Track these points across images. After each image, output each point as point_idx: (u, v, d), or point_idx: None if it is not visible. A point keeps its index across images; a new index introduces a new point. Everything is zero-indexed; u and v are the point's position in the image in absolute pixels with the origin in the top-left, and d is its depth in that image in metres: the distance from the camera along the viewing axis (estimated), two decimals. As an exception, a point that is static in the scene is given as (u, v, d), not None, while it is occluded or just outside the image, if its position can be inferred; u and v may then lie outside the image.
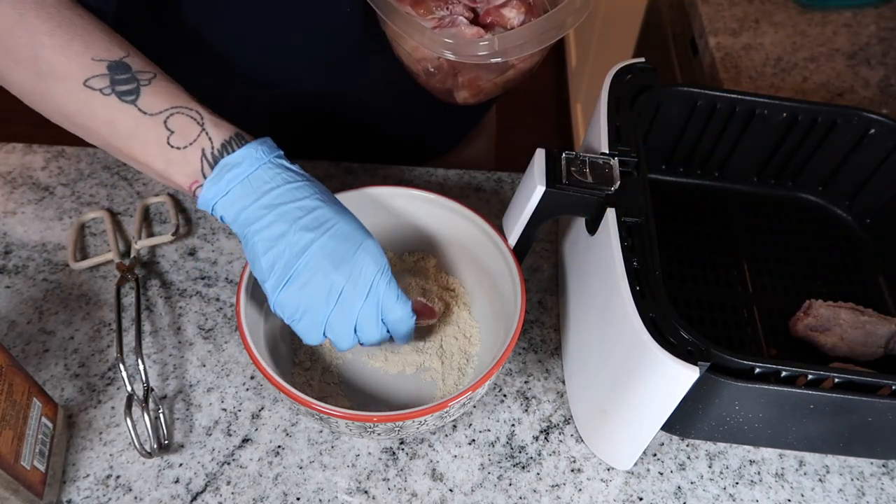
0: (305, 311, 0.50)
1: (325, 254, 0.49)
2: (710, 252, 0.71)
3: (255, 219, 0.49)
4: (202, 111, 0.50)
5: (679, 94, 0.69)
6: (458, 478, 0.58)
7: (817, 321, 0.63)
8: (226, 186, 0.49)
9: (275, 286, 0.49)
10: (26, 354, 0.62)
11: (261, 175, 0.49)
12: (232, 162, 0.49)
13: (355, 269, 0.49)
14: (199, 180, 0.50)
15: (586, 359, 0.58)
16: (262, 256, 0.49)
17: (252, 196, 0.49)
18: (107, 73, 0.49)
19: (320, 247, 0.49)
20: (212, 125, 0.50)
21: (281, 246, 0.49)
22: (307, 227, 0.49)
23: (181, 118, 0.50)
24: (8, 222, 0.71)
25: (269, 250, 0.49)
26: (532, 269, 0.72)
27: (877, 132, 0.68)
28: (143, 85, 0.50)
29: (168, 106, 0.50)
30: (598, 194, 0.55)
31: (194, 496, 0.55)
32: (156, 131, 0.49)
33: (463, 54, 0.53)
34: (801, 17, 1.09)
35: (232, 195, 0.49)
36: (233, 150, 0.49)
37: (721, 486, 0.58)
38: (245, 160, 0.49)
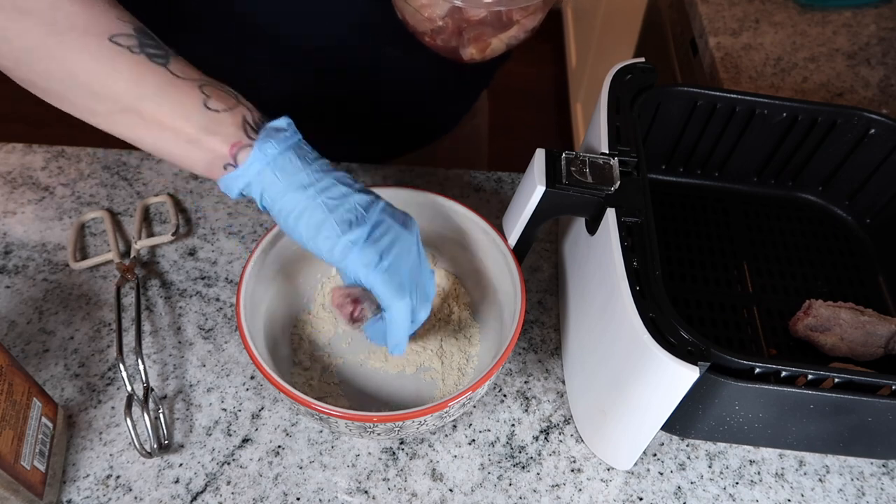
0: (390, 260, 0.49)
1: (388, 214, 0.50)
2: (710, 252, 0.71)
3: (314, 180, 0.48)
4: (232, 89, 0.49)
5: (679, 94, 0.69)
6: (458, 478, 0.58)
7: (817, 321, 0.63)
8: (279, 145, 0.47)
9: (358, 237, 0.48)
10: (26, 354, 0.62)
11: (304, 147, 0.49)
12: (279, 126, 0.48)
13: (413, 230, 0.51)
14: (242, 141, 0.47)
15: (586, 359, 0.58)
16: (332, 213, 0.48)
17: (305, 160, 0.48)
18: (134, 34, 0.47)
19: (382, 207, 0.50)
20: (244, 99, 0.49)
21: (349, 203, 0.48)
22: (362, 190, 0.50)
23: (215, 88, 0.48)
24: (8, 222, 0.71)
25: (338, 208, 0.48)
26: (532, 269, 0.72)
27: (877, 132, 0.68)
28: (171, 53, 0.48)
29: (199, 76, 0.48)
30: (598, 194, 0.55)
31: (194, 496, 0.55)
32: (191, 93, 0.47)
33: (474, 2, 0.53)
34: (801, 17, 1.09)
35: (285, 157, 0.47)
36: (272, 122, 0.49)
37: (721, 486, 0.58)
38: (289, 127, 0.49)
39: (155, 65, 0.47)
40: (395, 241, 0.50)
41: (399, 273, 0.50)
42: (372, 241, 0.49)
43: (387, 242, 0.49)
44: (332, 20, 0.67)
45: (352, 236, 0.48)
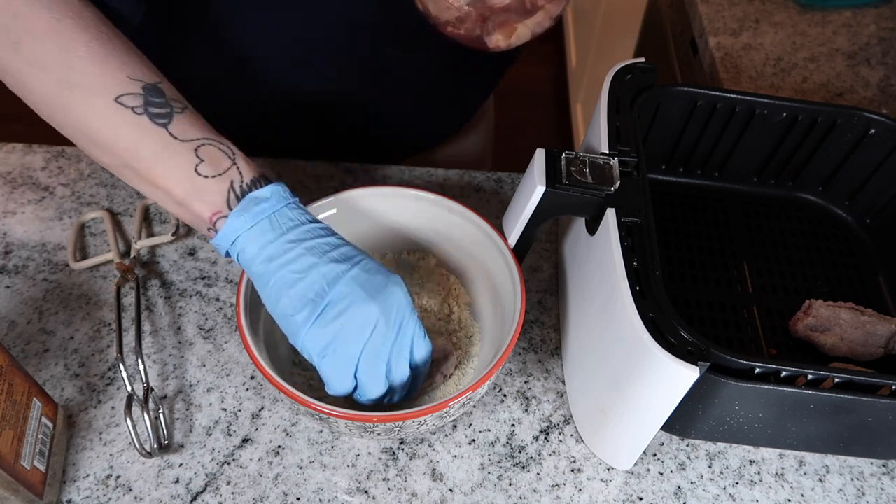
0: (338, 345, 0.48)
1: (358, 283, 0.48)
2: (710, 252, 0.71)
3: (281, 252, 0.48)
4: (233, 147, 0.50)
5: (679, 94, 0.69)
6: (458, 478, 0.58)
7: (817, 321, 0.63)
8: (253, 219, 0.48)
9: (306, 319, 0.48)
10: (26, 354, 0.62)
11: (286, 213, 0.49)
12: (260, 196, 0.48)
13: (388, 300, 0.48)
14: (222, 210, 0.49)
15: (586, 359, 0.58)
16: (289, 289, 0.48)
17: (278, 231, 0.48)
18: (141, 94, 0.48)
19: (353, 276, 0.48)
20: (242, 160, 0.50)
21: (312, 276, 0.48)
22: (336, 259, 0.48)
23: (212, 149, 0.49)
24: (8, 222, 0.71)
25: (298, 282, 0.48)
26: (532, 269, 0.72)
27: (877, 132, 0.68)
28: (176, 112, 0.49)
29: (200, 136, 0.49)
30: (598, 194, 0.55)
31: (194, 496, 0.55)
32: (185, 157, 0.48)
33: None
34: (801, 17, 1.09)
35: (258, 229, 0.48)
36: (261, 187, 0.49)
37: (721, 486, 0.58)
38: (273, 196, 0.49)
39: (156, 126, 0.48)
40: (352, 320, 0.47)
41: (346, 358, 0.48)
42: (321, 325, 0.48)
43: (339, 325, 0.47)
44: (331, 21, 0.67)
45: (300, 316, 0.48)
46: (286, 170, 0.77)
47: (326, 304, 0.47)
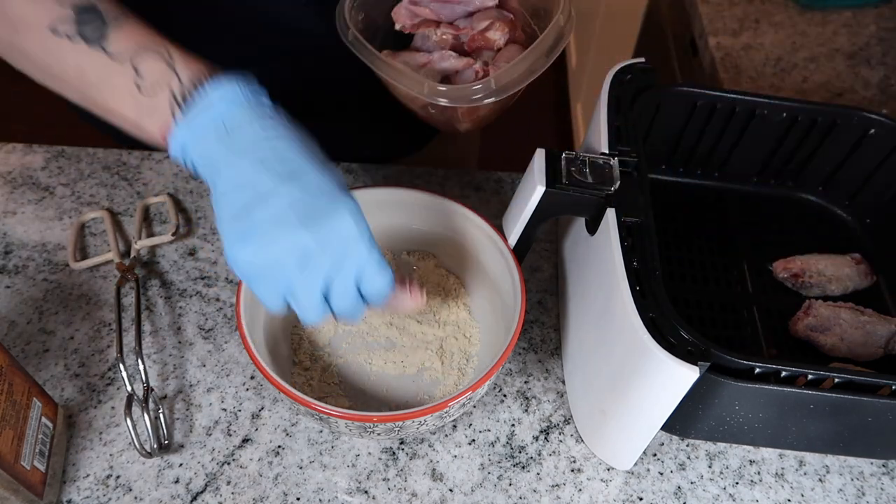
0: (265, 273, 0.44)
1: (293, 207, 0.43)
2: (710, 252, 0.71)
3: (224, 163, 0.44)
4: (171, 49, 0.46)
5: (679, 94, 0.69)
6: (458, 478, 0.58)
7: (817, 321, 0.63)
8: (194, 129, 0.44)
9: (233, 238, 0.44)
10: (26, 354, 0.62)
11: (234, 114, 0.44)
12: (202, 102, 0.44)
13: (327, 227, 0.43)
14: (169, 124, 0.45)
15: (586, 359, 0.58)
16: (223, 200, 0.44)
17: (223, 139, 0.44)
18: (73, 16, 0.45)
19: (290, 198, 0.43)
20: (182, 65, 0.45)
21: (246, 192, 0.43)
22: (278, 174, 0.43)
23: (149, 59, 0.45)
24: (8, 222, 0.71)
25: (232, 194, 0.44)
26: (532, 269, 0.72)
27: (877, 132, 0.68)
28: (111, 27, 0.46)
29: (136, 47, 0.45)
30: (598, 194, 0.55)
31: (194, 496, 0.55)
32: (124, 76, 0.45)
33: (459, 99, 0.53)
34: (801, 17, 1.09)
35: (200, 137, 0.44)
36: (202, 87, 0.45)
37: (721, 486, 0.58)
38: (218, 99, 0.44)
39: (92, 49, 0.45)
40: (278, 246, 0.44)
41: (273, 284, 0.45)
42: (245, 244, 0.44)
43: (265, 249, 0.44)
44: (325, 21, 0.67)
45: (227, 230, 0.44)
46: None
47: (253, 223, 0.43)
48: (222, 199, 0.44)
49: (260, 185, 0.43)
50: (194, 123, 0.45)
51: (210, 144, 0.44)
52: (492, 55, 0.59)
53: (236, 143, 0.44)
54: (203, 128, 0.44)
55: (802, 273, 0.67)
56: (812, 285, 0.67)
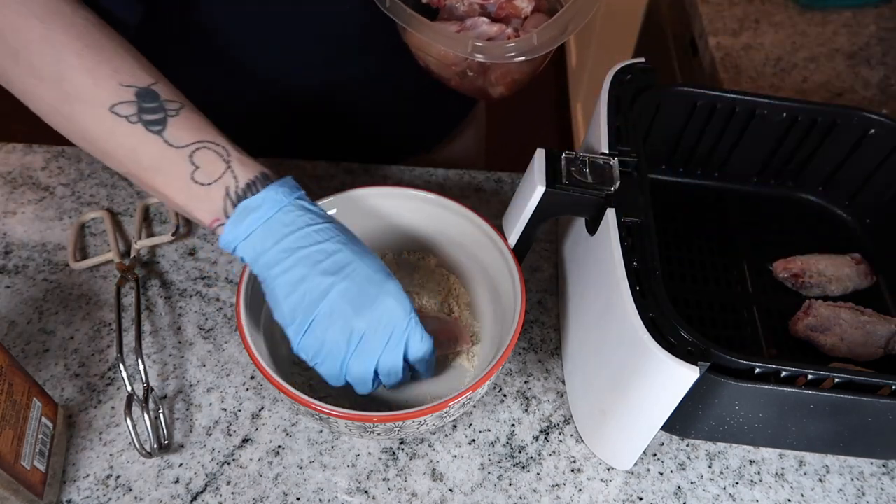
0: (326, 356, 0.50)
1: (345, 299, 0.48)
2: (710, 252, 0.71)
3: (275, 262, 0.48)
4: (229, 147, 0.50)
5: (679, 94, 0.69)
6: (458, 478, 0.58)
7: (817, 321, 0.63)
8: (246, 230, 0.48)
9: (297, 331, 0.49)
10: (26, 354, 0.62)
11: (281, 218, 0.49)
12: (253, 205, 0.48)
13: (376, 312, 0.49)
14: (220, 219, 0.49)
15: (586, 359, 0.58)
16: (283, 301, 0.49)
17: (272, 239, 0.48)
18: (134, 101, 0.48)
19: (340, 292, 0.48)
20: (238, 163, 0.49)
21: (301, 291, 0.48)
22: (327, 271, 0.48)
23: (207, 153, 0.49)
24: (8, 222, 0.71)
25: (290, 295, 0.48)
26: (532, 269, 0.72)
27: (877, 132, 0.68)
28: (170, 115, 0.49)
29: (195, 140, 0.49)
30: (598, 194, 0.55)
31: (194, 496, 0.55)
32: (180, 165, 0.48)
33: (497, 56, 0.54)
34: (801, 17, 1.09)
35: (253, 238, 0.48)
36: (256, 191, 0.49)
37: (721, 486, 0.58)
38: (265, 203, 0.48)
39: (151, 134, 0.48)
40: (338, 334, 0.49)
41: (334, 365, 0.50)
42: (310, 336, 0.49)
43: (326, 339, 0.49)
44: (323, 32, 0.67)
45: (292, 328, 0.49)
46: (286, 170, 0.76)
47: (314, 318, 0.48)
48: (280, 296, 0.49)
49: (313, 284, 0.48)
50: (244, 223, 0.48)
51: (259, 244, 0.49)
52: (519, 23, 0.59)
53: (284, 243, 0.48)
54: (254, 228, 0.48)
55: (802, 273, 0.68)
56: (812, 285, 0.68)
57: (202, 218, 0.50)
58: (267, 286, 0.50)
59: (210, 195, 0.49)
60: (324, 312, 0.48)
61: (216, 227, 0.49)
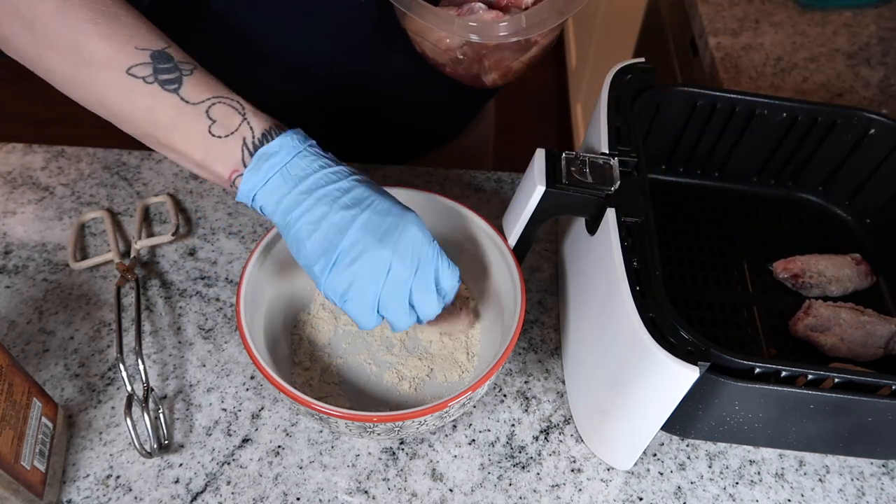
0: (356, 291, 0.49)
1: (368, 229, 0.48)
2: (710, 252, 0.71)
3: (295, 204, 0.49)
4: (243, 101, 0.51)
5: (679, 94, 0.69)
6: (458, 478, 0.58)
7: (817, 321, 0.63)
8: (265, 176, 0.49)
9: (323, 269, 0.49)
10: (26, 354, 0.62)
11: (297, 163, 0.49)
12: (270, 151, 0.49)
13: (401, 240, 0.49)
14: (238, 169, 0.50)
15: (586, 359, 0.58)
16: (306, 240, 0.49)
17: (291, 183, 0.49)
18: (150, 62, 0.49)
19: (362, 223, 0.48)
20: (252, 115, 0.50)
21: (324, 227, 0.49)
22: (347, 205, 0.49)
23: (223, 107, 0.50)
24: (8, 222, 0.71)
25: (313, 233, 0.49)
26: (532, 269, 0.72)
27: (877, 132, 0.68)
28: (185, 75, 0.50)
29: (210, 95, 0.50)
30: (598, 194, 0.55)
31: (194, 496, 0.55)
32: (197, 120, 0.49)
33: (488, 35, 0.55)
34: (801, 17, 1.09)
35: (271, 184, 0.49)
36: (271, 140, 0.49)
37: (721, 486, 0.58)
38: (282, 149, 0.49)
39: (167, 93, 0.49)
40: (365, 265, 0.49)
41: (365, 301, 0.50)
42: (336, 273, 0.49)
43: (353, 272, 0.49)
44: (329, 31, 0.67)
45: (318, 267, 0.49)
46: (286, 170, 0.77)
47: (338, 253, 0.48)
48: (303, 237, 0.49)
49: (334, 219, 0.49)
50: (262, 169, 0.49)
51: (279, 189, 0.49)
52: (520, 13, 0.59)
53: (303, 185, 0.49)
54: (272, 173, 0.49)
55: (802, 273, 0.68)
56: (812, 286, 0.67)
57: (221, 171, 0.50)
58: (289, 231, 0.50)
59: (228, 147, 0.50)
60: (347, 245, 0.48)
61: (235, 178, 0.50)
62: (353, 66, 0.71)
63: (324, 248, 0.49)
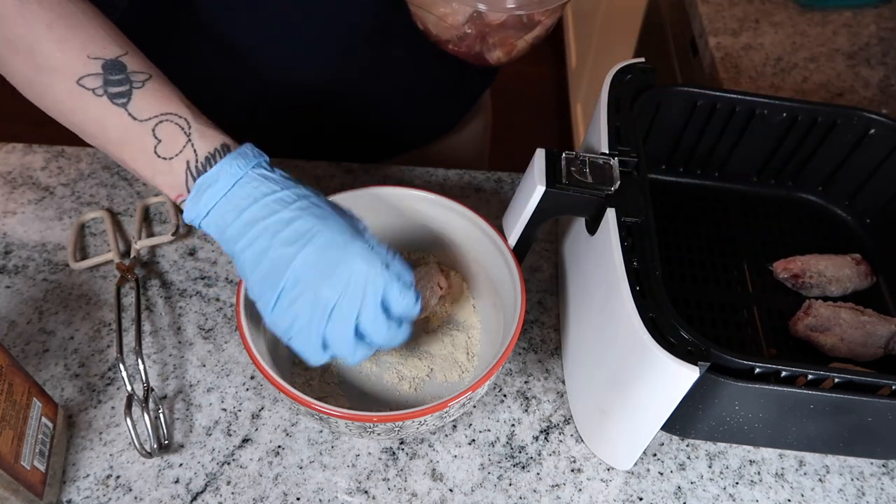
0: (299, 329, 0.48)
1: (308, 267, 0.47)
2: (710, 252, 0.71)
3: (238, 237, 0.47)
4: (191, 119, 0.49)
5: (679, 94, 0.69)
6: (458, 478, 0.58)
7: (817, 321, 0.63)
8: (206, 206, 0.47)
9: (265, 305, 0.48)
10: (26, 354, 0.62)
11: (238, 192, 0.48)
12: (208, 181, 0.47)
13: (343, 277, 0.47)
14: (183, 194, 0.48)
15: (586, 359, 0.58)
16: (250, 274, 0.48)
17: (234, 213, 0.47)
18: (101, 73, 0.48)
19: (303, 261, 0.47)
20: (198, 135, 0.48)
21: (265, 264, 0.47)
22: (287, 240, 0.47)
23: (169, 126, 0.48)
24: (8, 222, 0.71)
25: (256, 267, 0.47)
26: (532, 269, 0.72)
27: (877, 132, 0.68)
28: (136, 87, 0.48)
29: (158, 112, 0.48)
30: (598, 194, 0.55)
31: (194, 496, 0.55)
32: (143, 139, 0.48)
33: (496, 6, 0.54)
34: (801, 17, 1.09)
35: (214, 214, 0.48)
36: (213, 164, 0.48)
37: (721, 486, 0.58)
38: (220, 177, 0.47)
39: (116, 107, 0.48)
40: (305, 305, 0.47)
41: (308, 339, 0.48)
42: (280, 310, 0.47)
43: (295, 311, 0.47)
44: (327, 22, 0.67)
45: (261, 303, 0.48)
46: (286, 169, 0.77)
47: (280, 291, 0.47)
48: (246, 271, 0.48)
49: (274, 255, 0.47)
50: (202, 200, 0.47)
51: (222, 218, 0.48)
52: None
53: (246, 217, 0.47)
54: (213, 203, 0.48)
55: (803, 273, 0.68)
56: (812, 285, 0.67)
57: (168, 193, 0.49)
58: (236, 260, 0.49)
59: (173, 169, 0.48)
60: (289, 284, 0.47)
61: (180, 202, 0.49)
62: (352, 60, 0.71)
63: (267, 285, 0.47)
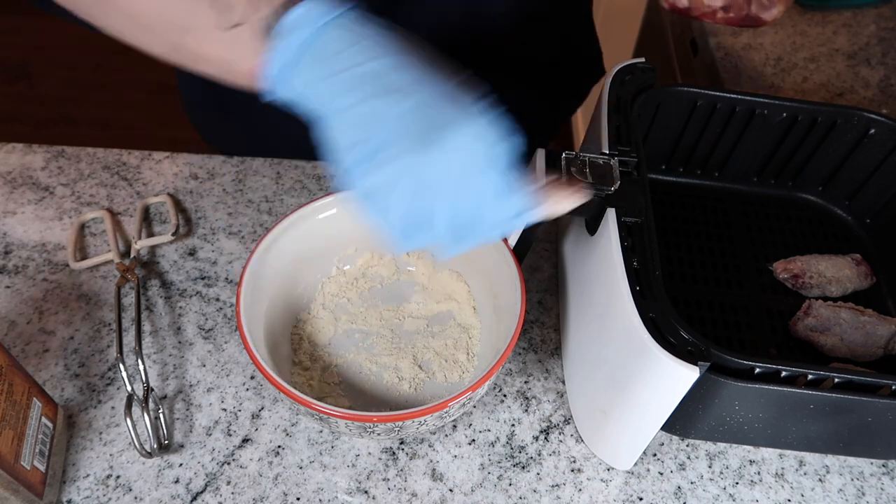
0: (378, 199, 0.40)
1: (410, 125, 0.38)
2: (710, 252, 0.71)
3: (324, 89, 0.40)
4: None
5: (679, 94, 0.69)
6: (458, 478, 0.58)
7: (817, 321, 0.63)
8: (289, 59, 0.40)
9: (347, 168, 0.40)
10: (26, 354, 0.62)
11: (329, 36, 0.40)
12: (292, 27, 0.40)
13: (447, 147, 0.38)
14: (257, 59, 0.42)
15: (586, 359, 0.58)
16: (332, 129, 0.40)
17: (321, 64, 0.40)
18: None
19: (403, 115, 0.38)
20: None
21: (354, 114, 0.40)
22: (387, 88, 0.39)
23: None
24: (8, 222, 0.71)
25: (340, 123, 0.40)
26: (532, 269, 0.72)
27: (877, 132, 0.68)
28: None
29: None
30: (598, 194, 0.55)
31: (194, 496, 0.55)
32: (209, 13, 0.42)
33: None
34: (801, 17, 1.09)
35: (297, 68, 0.40)
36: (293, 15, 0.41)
37: (721, 486, 0.58)
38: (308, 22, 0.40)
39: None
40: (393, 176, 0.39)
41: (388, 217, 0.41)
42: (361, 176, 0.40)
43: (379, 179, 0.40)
44: None
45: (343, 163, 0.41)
46: (286, 170, 0.77)
47: (366, 150, 0.39)
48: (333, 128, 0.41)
49: (369, 108, 0.39)
50: (285, 53, 0.41)
51: (306, 72, 0.40)
52: None
53: (336, 64, 0.40)
54: (295, 55, 0.40)
55: (803, 274, 0.68)
56: (812, 286, 0.68)
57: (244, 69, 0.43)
58: (321, 123, 0.42)
59: (244, 38, 0.42)
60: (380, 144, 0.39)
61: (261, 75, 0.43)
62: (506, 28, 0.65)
63: (351, 142, 0.40)
